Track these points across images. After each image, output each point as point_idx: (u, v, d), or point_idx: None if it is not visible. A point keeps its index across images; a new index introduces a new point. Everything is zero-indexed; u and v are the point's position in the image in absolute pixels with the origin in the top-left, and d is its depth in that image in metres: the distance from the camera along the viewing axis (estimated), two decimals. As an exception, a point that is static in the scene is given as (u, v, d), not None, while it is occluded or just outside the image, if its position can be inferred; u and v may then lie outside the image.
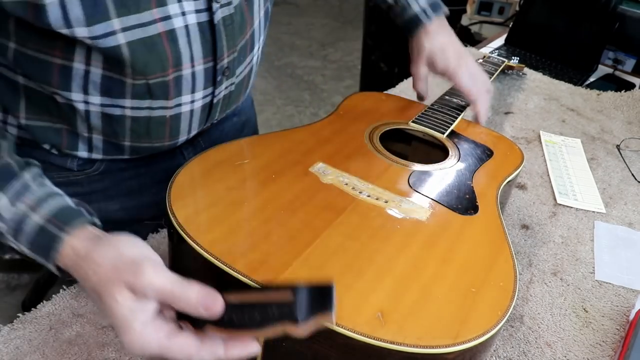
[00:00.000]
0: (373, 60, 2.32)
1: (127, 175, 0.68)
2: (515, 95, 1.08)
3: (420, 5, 0.80)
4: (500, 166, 0.70)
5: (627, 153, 0.92)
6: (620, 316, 0.62)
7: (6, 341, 0.54)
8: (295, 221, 0.53)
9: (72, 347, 0.54)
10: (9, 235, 0.48)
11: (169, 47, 0.52)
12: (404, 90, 1.06)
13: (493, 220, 0.58)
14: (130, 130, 0.60)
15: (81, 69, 0.52)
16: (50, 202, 0.48)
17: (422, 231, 0.55)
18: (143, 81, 0.54)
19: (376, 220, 0.55)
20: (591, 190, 0.82)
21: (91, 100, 0.55)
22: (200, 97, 0.60)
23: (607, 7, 1.18)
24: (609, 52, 1.24)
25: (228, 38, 0.58)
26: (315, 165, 0.62)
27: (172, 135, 0.63)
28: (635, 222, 0.77)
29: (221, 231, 0.50)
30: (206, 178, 0.57)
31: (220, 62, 0.59)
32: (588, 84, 1.18)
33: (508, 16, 1.56)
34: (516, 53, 1.27)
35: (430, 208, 0.58)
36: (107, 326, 0.56)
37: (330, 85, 3.00)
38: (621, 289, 0.66)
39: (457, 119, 0.77)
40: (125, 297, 0.42)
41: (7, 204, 0.47)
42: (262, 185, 0.58)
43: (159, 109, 0.58)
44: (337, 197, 0.57)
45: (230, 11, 0.56)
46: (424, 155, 0.72)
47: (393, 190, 0.60)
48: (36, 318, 0.57)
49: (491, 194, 0.63)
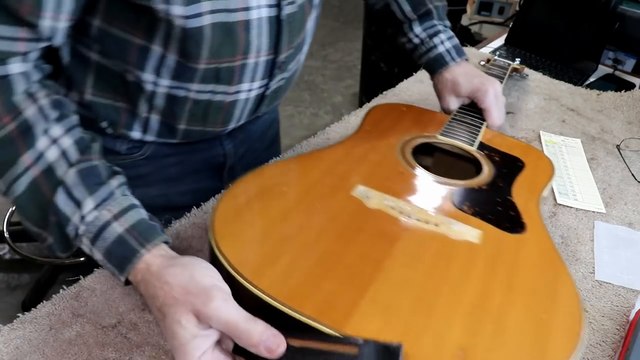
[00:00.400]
0: (373, 60, 2.33)
1: (170, 161, 0.72)
2: (516, 96, 1.08)
3: (446, 47, 0.84)
4: (534, 178, 0.69)
5: (627, 153, 0.92)
6: (620, 316, 0.62)
7: (6, 341, 0.54)
8: (351, 254, 0.51)
9: (72, 347, 0.54)
10: (86, 239, 0.49)
11: (243, 35, 0.56)
12: (403, 90, 1.06)
13: (544, 239, 0.57)
14: (189, 112, 0.63)
15: (158, 52, 0.56)
16: (133, 214, 0.50)
17: (479, 255, 0.53)
18: (214, 65, 0.57)
19: (432, 247, 0.53)
20: (591, 190, 0.82)
21: (160, 82, 0.59)
22: (256, 86, 0.64)
23: (607, 7, 1.18)
24: (609, 52, 1.24)
25: (289, 34, 0.62)
26: (357, 189, 0.60)
27: (225, 122, 0.67)
28: (635, 222, 0.77)
29: (278, 270, 0.48)
30: (248, 210, 0.55)
31: (279, 56, 0.63)
32: (588, 84, 1.18)
33: (508, 16, 1.56)
34: (516, 53, 1.27)
35: (480, 229, 0.57)
36: (107, 326, 0.56)
37: (330, 85, 3.00)
38: (621, 289, 0.66)
39: (481, 128, 0.77)
40: (190, 322, 0.42)
41: (92, 208, 0.49)
42: (308, 214, 0.56)
43: (220, 94, 0.62)
44: (387, 224, 0.56)
45: (294, 9, 0.61)
46: (457, 169, 0.71)
47: (440, 211, 0.59)
48: (36, 318, 0.57)
49: (533, 209, 0.62)
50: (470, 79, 0.82)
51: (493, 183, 0.66)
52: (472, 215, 0.59)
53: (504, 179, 0.67)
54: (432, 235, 0.55)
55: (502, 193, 0.64)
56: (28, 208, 0.49)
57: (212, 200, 0.73)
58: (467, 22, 1.66)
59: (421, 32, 0.85)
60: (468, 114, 0.81)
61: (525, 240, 0.57)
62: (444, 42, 0.85)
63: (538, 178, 0.69)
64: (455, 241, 0.54)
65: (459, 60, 0.85)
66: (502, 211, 0.60)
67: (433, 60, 0.85)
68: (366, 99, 1.17)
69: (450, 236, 0.55)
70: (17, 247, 1.74)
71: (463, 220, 0.58)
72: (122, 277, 0.48)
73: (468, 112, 0.82)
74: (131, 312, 0.57)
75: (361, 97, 2.52)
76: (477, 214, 0.59)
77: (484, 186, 0.65)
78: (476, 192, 0.63)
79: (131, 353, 0.53)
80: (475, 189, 0.64)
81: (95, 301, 0.58)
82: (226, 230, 0.52)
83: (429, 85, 1.09)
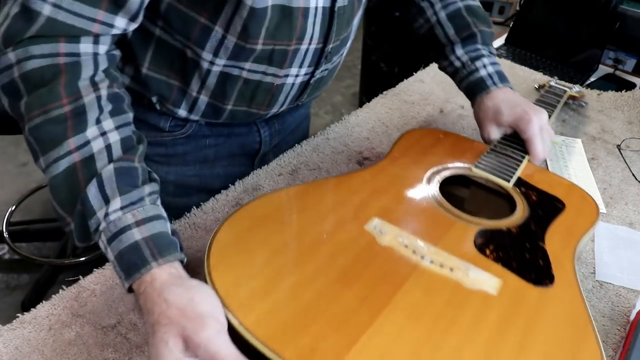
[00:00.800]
0: (373, 60, 2.32)
1: (208, 142, 0.74)
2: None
3: (488, 71, 0.80)
4: (573, 222, 0.62)
5: (627, 153, 0.92)
6: (620, 316, 0.62)
7: (5, 341, 0.54)
8: (350, 295, 0.47)
9: (71, 348, 0.54)
10: (104, 236, 0.49)
11: (300, 21, 0.59)
12: (404, 90, 1.06)
13: (573, 295, 0.51)
14: (238, 91, 0.65)
15: (219, 34, 0.58)
16: (156, 224, 0.49)
17: (494, 309, 0.48)
18: (270, 47, 0.60)
19: (441, 296, 0.49)
20: (592, 190, 0.82)
21: (217, 62, 0.61)
22: (303, 72, 0.67)
23: (608, 7, 1.18)
24: (609, 52, 1.24)
25: (339, 26, 0.64)
26: (371, 222, 0.56)
27: (270, 104, 0.69)
28: (635, 222, 0.77)
29: (266, 307, 0.45)
30: (249, 238, 0.52)
31: (328, 46, 0.65)
32: (588, 84, 1.17)
33: (508, 16, 1.56)
34: (516, 53, 1.27)
35: (500, 278, 0.52)
36: (106, 327, 0.56)
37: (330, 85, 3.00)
38: (622, 289, 0.66)
39: (521, 163, 0.70)
40: (177, 345, 0.42)
41: (117, 208, 0.49)
42: (313, 247, 0.52)
43: (271, 76, 0.64)
44: (397, 264, 0.51)
45: (345, 3, 0.63)
46: (487, 206, 0.66)
47: (458, 254, 0.53)
48: (35, 318, 0.56)
49: (567, 259, 0.55)
50: (513, 106, 0.76)
51: (525, 225, 0.60)
52: (494, 261, 0.53)
53: (538, 222, 0.60)
54: (444, 282, 0.50)
55: (533, 238, 0.58)
56: (60, 190, 0.50)
57: (212, 200, 0.73)
58: (467, 22, 1.66)
59: (463, 54, 0.81)
60: (509, 145, 0.74)
61: (550, 295, 0.51)
62: (486, 66, 0.80)
63: (578, 223, 0.62)
64: (469, 290, 0.49)
65: (501, 86, 0.79)
66: (530, 259, 0.55)
67: (473, 84, 0.80)
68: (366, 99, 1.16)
69: (465, 284, 0.50)
70: (16, 247, 1.74)
71: (483, 266, 0.53)
72: (126, 284, 0.48)
73: (509, 143, 0.75)
74: (131, 312, 0.57)
75: (361, 97, 2.52)
76: (500, 260, 0.54)
77: (514, 228, 0.59)
78: (504, 235, 0.57)
79: (131, 353, 0.53)
80: (504, 231, 0.58)
81: (95, 301, 0.58)
82: (222, 257, 0.49)
83: (430, 85, 1.09)
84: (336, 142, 0.89)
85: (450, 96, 1.05)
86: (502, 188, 0.67)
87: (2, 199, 1.93)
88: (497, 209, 0.64)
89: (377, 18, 2.18)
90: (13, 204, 1.88)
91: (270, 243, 0.52)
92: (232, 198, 0.75)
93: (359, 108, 1.01)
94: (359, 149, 0.88)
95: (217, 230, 0.52)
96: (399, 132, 0.93)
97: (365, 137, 0.91)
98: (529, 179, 0.69)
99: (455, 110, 1.01)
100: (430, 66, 1.16)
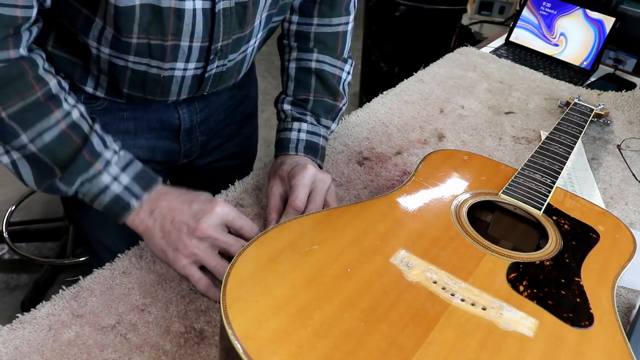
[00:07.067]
0: (373, 60, 2.33)
1: (125, 116, 0.77)
2: (517, 96, 1.08)
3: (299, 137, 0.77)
4: (609, 255, 0.58)
5: (627, 153, 0.92)
6: (621, 316, 0.62)
7: (5, 341, 0.54)
8: (379, 337, 0.44)
9: (71, 348, 0.54)
10: (115, 165, 0.62)
11: (173, 19, 0.61)
12: (404, 90, 1.06)
13: (615, 338, 0.48)
14: (129, 80, 0.69)
15: (99, 25, 0.62)
16: None
17: (531, 353, 0.45)
18: (145, 40, 0.63)
19: (475, 338, 0.45)
20: (592, 190, 0.82)
21: (102, 50, 0.65)
22: (193, 67, 0.69)
23: (608, 7, 1.18)
24: (609, 51, 1.24)
25: (225, 27, 0.66)
26: (397, 255, 0.53)
27: (163, 93, 0.72)
28: (636, 222, 0.77)
29: (288, 352, 0.42)
30: (268, 272, 0.49)
31: (215, 45, 0.67)
32: (589, 84, 1.17)
33: (508, 16, 1.56)
34: (516, 52, 1.27)
35: (536, 317, 0.48)
36: (106, 327, 0.56)
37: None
38: (622, 289, 0.66)
39: (552, 189, 0.67)
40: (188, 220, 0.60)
41: (121, 147, 0.64)
42: (336, 284, 0.49)
43: (155, 68, 0.67)
44: (427, 303, 0.48)
45: (230, 4, 0.64)
46: (516, 234, 0.63)
47: (490, 291, 0.50)
48: (35, 318, 0.56)
49: (606, 297, 0.52)
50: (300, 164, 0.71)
51: (559, 258, 0.56)
52: (528, 299, 0.50)
53: (572, 254, 0.57)
54: (477, 322, 0.47)
55: (568, 273, 0.54)
56: (56, 151, 0.60)
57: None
58: (467, 22, 1.66)
59: (289, 109, 0.79)
60: (538, 169, 0.70)
61: (590, 337, 0.47)
62: (301, 131, 0.77)
63: (615, 256, 0.58)
64: (504, 331, 0.46)
65: (301, 155, 0.75)
66: (567, 296, 0.51)
67: (280, 141, 0.78)
68: (366, 99, 1.16)
69: (500, 325, 0.47)
70: (16, 247, 1.74)
71: (517, 305, 0.49)
72: (145, 195, 0.62)
73: (537, 167, 0.71)
74: (130, 312, 0.57)
75: (361, 97, 2.53)
76: (534, 298, 0.50)
77: (548, 262, 0.55)
78: (537, 269, 0.54)
79: (131, 354, 0.53)
80: (537, 265, 0.55)
81: (95, 302, 0.58)
82: (238, 293, 0.46)
83: (430, 85, 1.09)
84: (336, 142, 0.89)
85: (450, 96, 1.05)
86: (531, 215, 0.64)
87: (2, 199, 1.93)
88: (528, 240, 0.62)
89: (377, 18, 2.18)
90: (13, 204, 1.89)
91: (291, 278, 0.49)
92: (232, 198, 0.75)
93: (359, 108, 1.01)
94: (359, 149, 0.88)
95: (232, 263, 0.49)
96: (399, 132, 0.93)
97: (365, 137, 0.91)
98: (559, 206, 0.65)
99: (455, 110, 1.01)
100: (430, 66, 1.16)
